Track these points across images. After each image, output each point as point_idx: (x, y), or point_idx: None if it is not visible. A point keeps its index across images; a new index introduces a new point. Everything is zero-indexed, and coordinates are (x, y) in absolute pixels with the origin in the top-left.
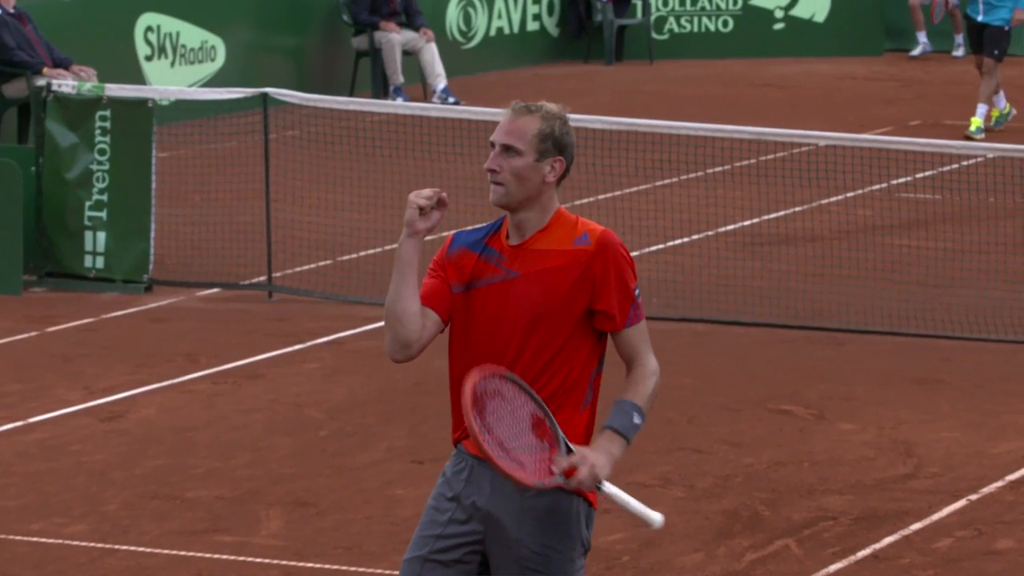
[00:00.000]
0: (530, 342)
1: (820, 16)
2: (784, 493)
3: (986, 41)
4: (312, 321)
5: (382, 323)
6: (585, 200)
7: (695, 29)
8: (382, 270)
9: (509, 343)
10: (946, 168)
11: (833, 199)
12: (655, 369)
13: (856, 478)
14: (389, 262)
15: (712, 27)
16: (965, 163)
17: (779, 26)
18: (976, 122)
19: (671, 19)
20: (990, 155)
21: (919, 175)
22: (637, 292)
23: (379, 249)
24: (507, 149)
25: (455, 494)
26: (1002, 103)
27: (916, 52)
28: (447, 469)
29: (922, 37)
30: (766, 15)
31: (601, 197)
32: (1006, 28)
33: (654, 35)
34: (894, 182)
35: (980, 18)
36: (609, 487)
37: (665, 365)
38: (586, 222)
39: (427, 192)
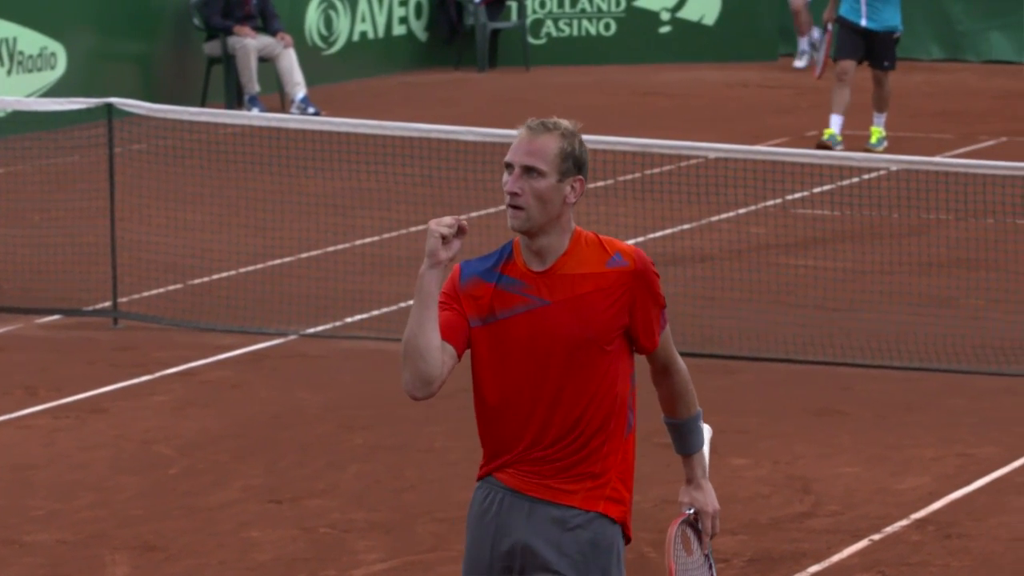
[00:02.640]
0: (572, 372)
1: (710, 18)
2: None
3: (872, 51)
4: (161, 350)
5: (236, 351)
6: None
7: (574, 33)
8: (236, 295)
9: (548, 375)
10: (846, 182)
11: (724, 216)
12: (686, 370)
13: (750, 517)
14: (244, 286)
15: (593, 30)
16: (866, 176)
17: (665, 29)
18: (877, 132)
19: (548, 22)
20: (893, 168)
21: (816, 190)
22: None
23: (233, 272)
24: (528, 170)
25: (492, 529)
26: (837, 125)
27: (801, 63)
28: (474, 506)
29: (804, 44)
30: (651, 17)
31: (475, 215)
32: (895, 35)
33: (530, 39)
34: (789, 197)
35: (863, 23)
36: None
37: None
38: (610, 240)
39: (448, 220)
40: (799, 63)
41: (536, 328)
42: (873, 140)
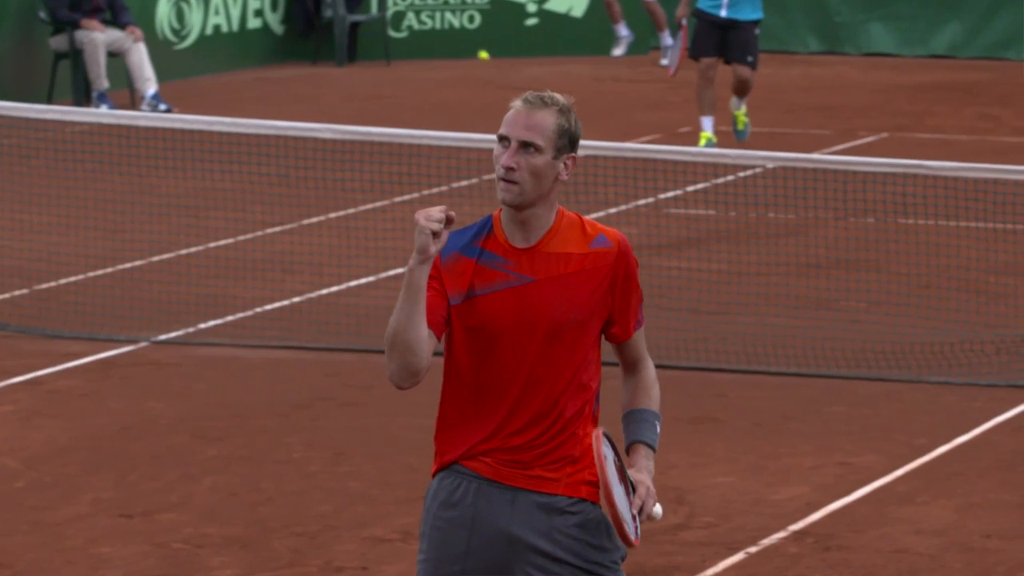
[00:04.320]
0: (552, 352)
1: (578, 10)
2: None
3: (733, 45)
4: (5, 358)
5: (85, 359)
6: (315, 219)
7: (437, 25)
8: (84, 300)
9: (527, 353)
10: (720, 180)
11: (594, 215)
12: (654, 370)
13: None
14: (93, 291)
15: (457, 23)
16: (742, 174)
17: (532, 21)
18: (741, 117)
19: (410, 14)
20: (770, 165)
21: (690, 188)
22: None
23: (81, 276)
24: (525, 146)
25: (467, 519)
26: (710, 126)
27: (620, 52)
28: (439, 496)
29: (623, 31)
30: (517, 9)
31: (332, 215)
32: (758, 27)
33: (391, 32)
34: (662, 196)
35: (723, 13)
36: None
37: (405, 405)
38: (591, 221)
39: (437, 215)
40: (617, 51)
41: (520, 305)
42: (740, 127)
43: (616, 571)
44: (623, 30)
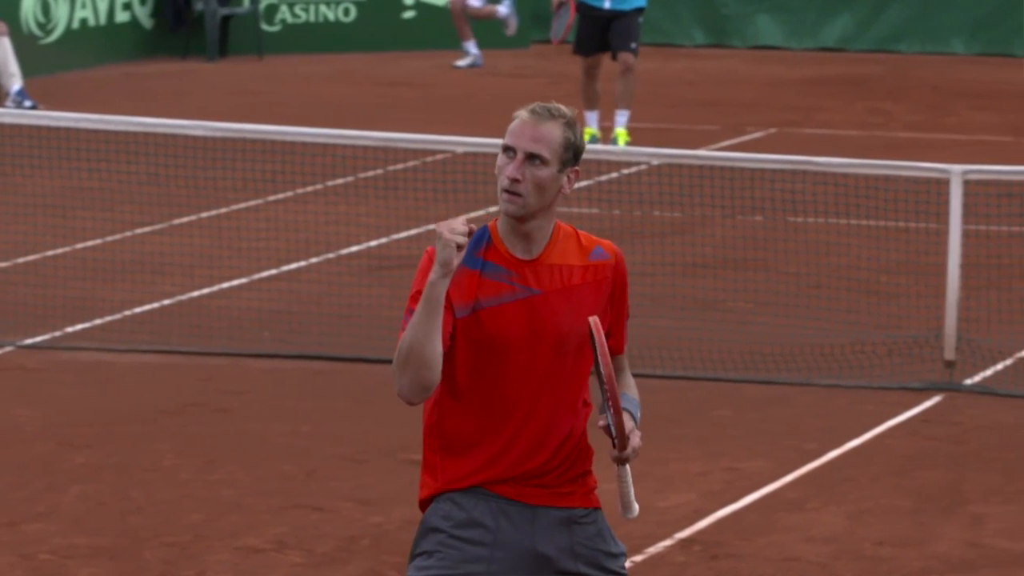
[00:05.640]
0: (559, 368)
1: None
2: None
3: (618, 34)
4: None
5: None
6: (186, 219)
7: (311, 19)
8: None
9: (534, 368)
10: (604, 177)
11: (473, 215)
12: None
13: None
14: None
15: (332, 16)
16: (626, 171)
17: (409, 15)
18: (623, 135)
19: (283, 8)
20: (655, 162)
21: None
22: None
23: None
24: (532, 158)
25: (488, 539)
26: (595, 122)
27: (464, 63)
28: (452, 516)
29: (472, 49)
30: (394, 2)
31: (204, 215)
32: (640, 19)
33: (264, 26)
34: None
35: (607, 5)
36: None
37: (279, 410)
38: (585, 233)
39: (461, 228)
40: (461, 62)
41: (528, 318)
42: (620, 143)
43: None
44: (472, 48)
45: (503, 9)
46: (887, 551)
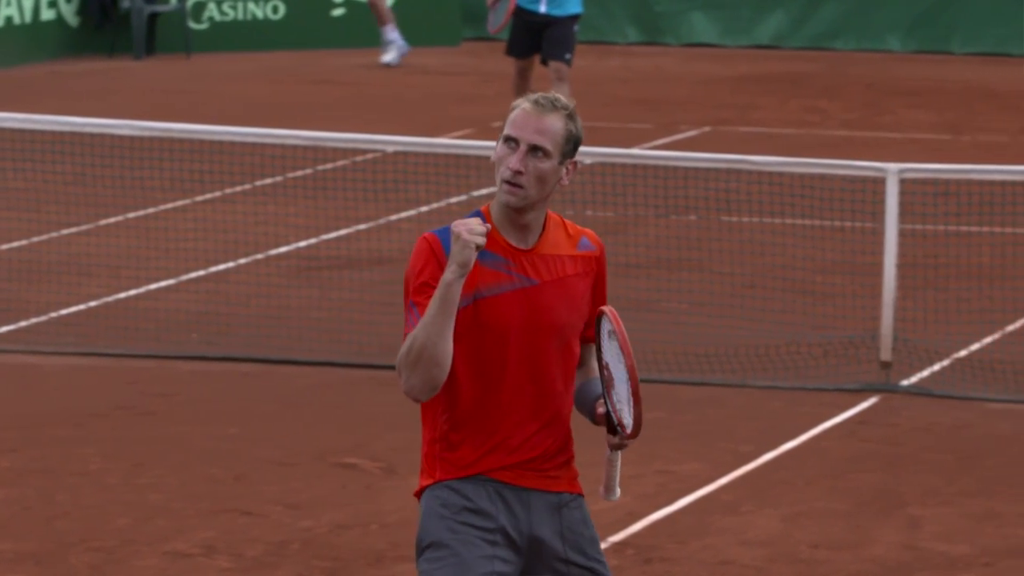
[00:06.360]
0: (554, 355)
1: (387, 0)
2: (349, 561)
3: (552, 41)
4: None
5: None
6: (112, 219)
7: (239, 16)
8: None
9: (538, 357)
10: None
11: (404, 215)
12: None
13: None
14: None
15: (260, 14)
16: None
17: (339, 12)
18: None
19: (211, 5)
20: (587, 161)
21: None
22: None
23: None
24: (534, 149)
25: (496, 525)
26: None
27: (390, 57)
28: (455, 502)
29: (392, 34)
30: (323, 0)
31: (131, 215)
32: (576, 27)
33: (191, 24)
34: (475, 193)
35: (543, 9)
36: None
37: (207, 413)
38: (570, 222)
39: (479, 228)
40: (387, 57)
41: (527, 308)
42: None
43: (605, 564)
44: (391, 33)
45: (394, 34)
46: (823, 554)
